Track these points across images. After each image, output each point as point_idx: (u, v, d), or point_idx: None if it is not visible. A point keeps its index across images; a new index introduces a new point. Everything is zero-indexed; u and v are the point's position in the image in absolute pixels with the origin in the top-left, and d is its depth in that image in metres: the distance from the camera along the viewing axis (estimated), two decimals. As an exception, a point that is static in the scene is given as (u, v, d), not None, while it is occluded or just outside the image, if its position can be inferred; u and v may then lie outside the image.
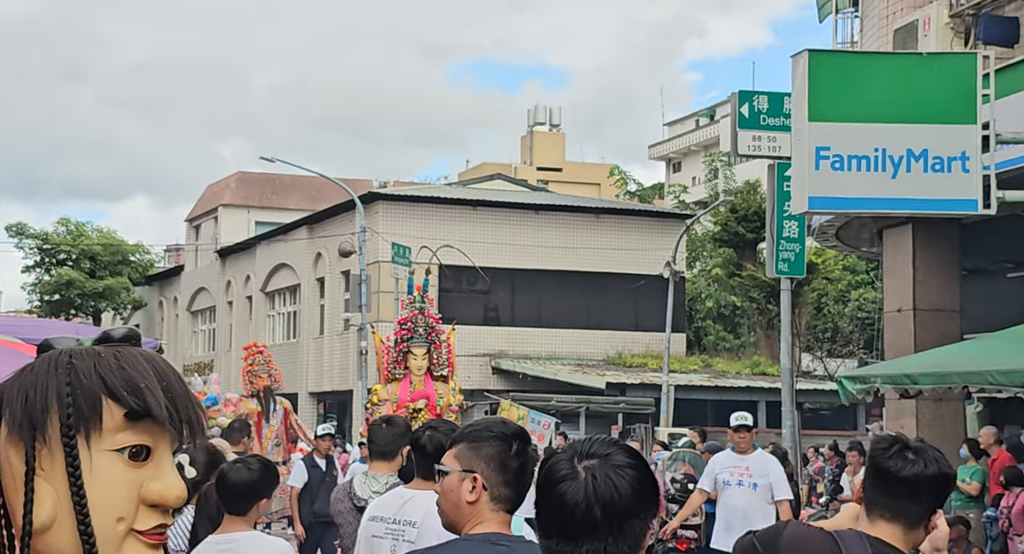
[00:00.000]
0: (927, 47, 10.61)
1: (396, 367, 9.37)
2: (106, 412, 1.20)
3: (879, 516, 2.46)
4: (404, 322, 9.60)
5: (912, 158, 8.44)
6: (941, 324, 11.63)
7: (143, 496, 1.20)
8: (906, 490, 2.44)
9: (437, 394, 9.25)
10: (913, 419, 11.70)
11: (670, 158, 56.53)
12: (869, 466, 2.54)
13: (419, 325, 9.48)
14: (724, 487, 8.13)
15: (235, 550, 3.40)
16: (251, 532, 3.54)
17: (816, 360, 29.75)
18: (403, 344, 9.45)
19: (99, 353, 1.24)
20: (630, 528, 1.63)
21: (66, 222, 40.01)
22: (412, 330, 9.45)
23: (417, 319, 9.50)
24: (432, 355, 9.42)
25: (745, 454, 8.12)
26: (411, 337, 9.41)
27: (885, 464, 2.46)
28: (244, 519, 3.50)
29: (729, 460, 8.26)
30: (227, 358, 35.24)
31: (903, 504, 2.45)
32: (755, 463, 8.10)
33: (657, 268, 24.52)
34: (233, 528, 3.50)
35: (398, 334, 9.52)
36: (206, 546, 3.46)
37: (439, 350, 9.49)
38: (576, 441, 1.74)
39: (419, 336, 9.41)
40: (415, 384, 9.26)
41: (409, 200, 28.04)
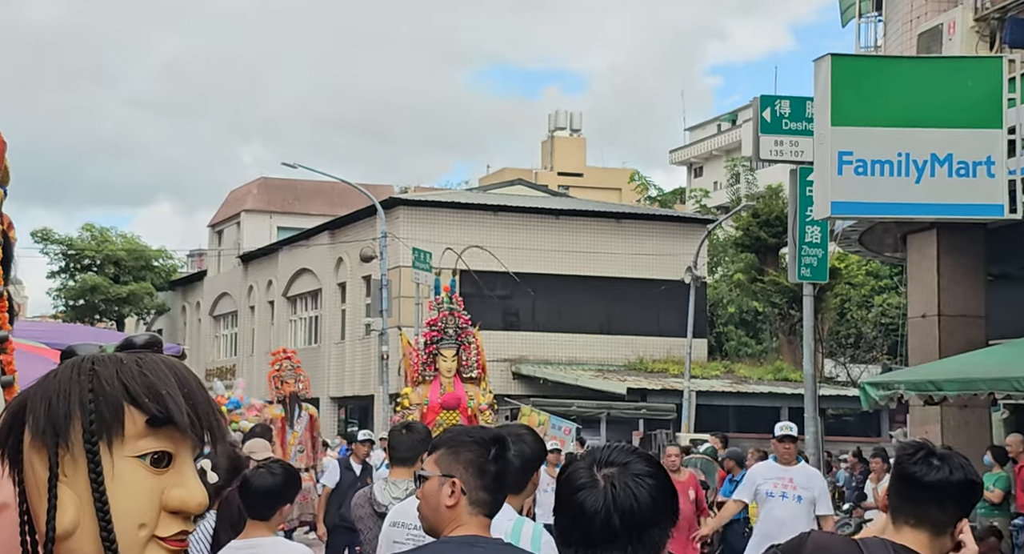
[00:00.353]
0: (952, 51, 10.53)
1: (426, 369, 9.23)
2: (128, 419, 1.20)
3: (904, 523, 2.45)
4: (433, 323, 9.44)
5: (937, 163, 8.39)
6: (966, 330, 11.52)
7: (164, 502, 1.20)
8: (931, 496, 2.43)
9: (468, 396, 9.07)
10: (938, 426, 11.59)
11: (691, 163, 56.38)
12: (894, 472, 2.53)
13: (449, 326, 9.34)
14: (766, 499, 7.81)
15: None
16: (274, 538, 3.55)
17: (839, 366, 29.55)
18: (432, 346, 9.31)
19: (121, 360, 1.25)
20: (649, 537, 1.63)
21: (90, 227, 40.35)
22: (442, 331, 9.31)
23: (447, 320, 9.35)
24: (461, 357, 9.26)
25: (789, 465, 7.85)
26: (441, 338, 9.28)
27: (910, 470, 2.45)
28: (267, 524, 3.50)
29: (772, 471, 7.97)
30: (249, 363, 35.39)
31: (928, 510, 2.44)
32: (799, 475, 7.82)
33: (678, 273, 24.45)
34: (256, 533, 3.50)
35: (427, 336, 9.40)
36: (229, 552, 3.47)
37: (468, 352, 9.33)
38: (595, 449, 1.74)
39: (449, 338, 9.28)
40: (445, 386, 9.10)
41: (430, 205, 28.10)
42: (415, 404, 8.95)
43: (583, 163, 54.85)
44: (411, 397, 9.00)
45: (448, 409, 8.88)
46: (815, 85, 8.64)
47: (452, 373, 9.11)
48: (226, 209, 40.75)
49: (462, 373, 9.20)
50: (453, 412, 8.89)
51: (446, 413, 8.86)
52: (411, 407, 8.94)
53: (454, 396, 8.95)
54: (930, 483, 2.42)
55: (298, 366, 14.65)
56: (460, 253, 9.68)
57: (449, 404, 8.88)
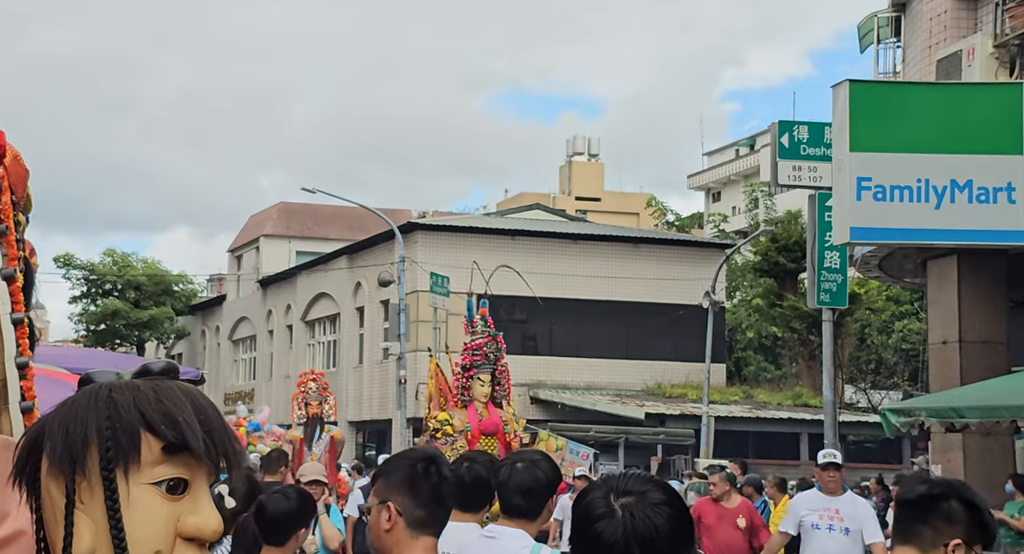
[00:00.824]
0: (971, 77, 10.52)
1: (464, 393, 8.98)
2: (144, 446, 1.20)
3: (897, 542, 2.63)
4: (477, 347, 9.13)
5: (956, 188, 8.36)
6: (988, 356, 11.42)
7: (180, 529, 1.20)
8: (913, 512, 2.58)
9: (504, 421, 8.90)
10: (960, 453, 11.47)
11: (709, 188, 56.36)
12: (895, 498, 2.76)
13: (490, 350, 9.11)
14: (811, 531, 7.33)
15: None
16: None
17: (859, 392, 29.32)
18: (472, 370, 9.02)
19: (138, 387, 1.26)
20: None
21: (112, 253, 40.66)
22: (485, 356, 9.06)
23: (489, 345, 9.13)
24: (495, 381, 9.08)
25: (834, 495, 7.36)
26: (482, 363, 9.03)
27: (900, 491, 2.70)
28: (282, 550, 3.49)
29: (816, 501, 7.47)
30: (267, 387, 35.46)
31: (914, 526, 2.58)
32: (845, 505, 7.34)
33: (696, 298, 24.38)
34: None
35: (467, 360, 9.07)
36: None
37: (502, 377, 9.17)
38: (611, 477, 1.73)
39: (488, 362, 9.06)
40: (480, 412, 8.87)
41: (448, 230, 28.18)
42: (459, 431, 8.65)
43: (601, 188, 54.94)
44: (455, 423, 8.67)
45: (487, 435, 8.71)
46: (833, 111, 8.63)
47: (487, 398, 8.92)
48: (246, 234, 41.00)
49: (495, 398, 9.04)
50: (491, 438, 8.72)
51: (485, 439, 8.68)
52: (455, 434, 8.62)
53: (492, 422, 8.75)
54: (910, 500, 2.59)
55: (324, 388, 14.39)
56: (489, 276, 9.29)
57: (488, 430, 8.71)
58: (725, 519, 8.82)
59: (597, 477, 16.85)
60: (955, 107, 8.44)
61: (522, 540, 3.13)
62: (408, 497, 2.49)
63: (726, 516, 8.85)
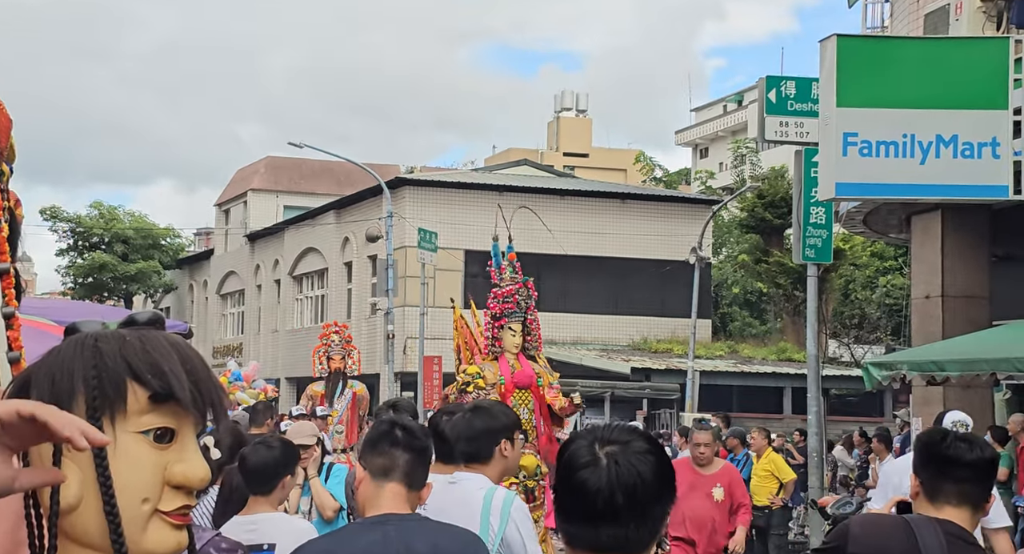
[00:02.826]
0: (958, 32, 10.47)
1: (495, 344, 8.27)
2: (131, 395, 1.21)
3: (945, 503, 2.64)
4: (508, 295, 8.35)
5: (942, 144, 8.37)
6: (970, 311, 11.52)
7: (167, 477, 1.22)
8: (969, 473, 2.65)
9: (536, 374, 8.21)
10: (940, 406, 11.60)
11: (697, 144, 56.20)
12: (928, 457, 2.72)
13: (522, 297, 8.38)
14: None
15: (259, 531, 3.44)
16: (274, 513, 3.58)
17: (843, 346, 29.54)
18: (503, 319, 8.26)
19: (124, 336, 1.26)
20: (651, 514, 1.65)
21: (99, 206, 40.39)
22: (516, 304, 8.30)
23: (520, 292, 8.40)
24: (526, 331, 8.37)
25: None
26: (513, 312, 8.27)
27: (947, 453, 2.65)
28: (267, 500, 3.53)
29: None
30: (256, 341, 35.51)
31: (967, 488, 2.65)
32: None
33: (683, 254, 24.44)
34: (257, 509, 3.53)
35: (497, 308, 8.33)
36: (231, 526, 3.49)
37: (533, 326, 8.45)
38: (596, 427, 1.75)
39: (520, 310, 8.32)
40: (512, 364, 8.17)
41: (436, 185, 28.09)
42: (491, 384, 7.98)
43: (589, 144, 54.71)
44: (487, 376, 8.01)
45: (520, 388, 8.08)
46: (821, 66, 8.61)
47: (518, 349, 8.22)
48: (233, 188, 40.77)
49: (527, 349, 8.36)
50: (525, 391, 8.10)
51: (519, 392, 8.06)
52: (487, 387, 7.95)
53: (525, 374, 8.09)
54: (968, 462, 2.63)
55: (348, 341, 13.43)
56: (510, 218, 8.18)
57: (521, 383, 8.07)
58: (698, 488, 7.14)
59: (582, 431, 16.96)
60: (942, 62, 8.43)
61: (479, 482, 3.27)
62: (369, 448, 2.55)
63: (699, 484, 7.18)
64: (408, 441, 2.53)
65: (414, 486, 2.52)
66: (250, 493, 3.52)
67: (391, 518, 2.39)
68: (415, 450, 2.54)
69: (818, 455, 12.22)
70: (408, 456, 2.51)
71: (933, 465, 2.67)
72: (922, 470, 2.70)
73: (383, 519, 2.39)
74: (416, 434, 2.53)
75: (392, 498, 2.47)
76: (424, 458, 2.58)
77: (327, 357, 12.84)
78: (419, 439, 2.53)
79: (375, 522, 2.38)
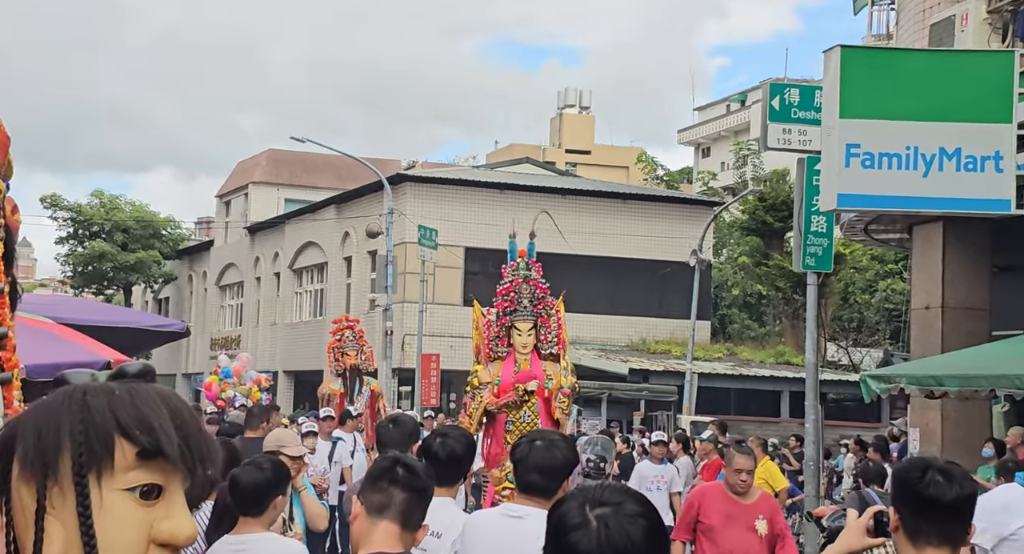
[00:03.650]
0: (964, 43, 10.44)
1: (499, 344, 7.96)
2: (118, 451, 1.20)
3: (926, 543, 2.52)
4: (506, 292, 8.08)
5: (945, 157, 8.34)
6: (969, 322, 11.51)
7: (153, 536, 1.20)
8: (951, 514, 2.52)
9: (546, 375, 7.80)
10: (938, 416, 11.62)
11: (699, 143, 56.14)
12: (907, 496, 2.57)
13: (523, 296, 8.05)
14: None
15: (248, 551, 3.42)
16: (264, 534, 3.55)
17: (841, 350, 29.55)
18: (506, 318, 7.97)
19: (113, 390, 1.25)
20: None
21: (100, 194, 40.36)
22: (516, 302, 8.02)
23: (521, 289, 8.08)
24: (539, 331, 7.99)
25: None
26: (515, 310, 7.97)
27: (927, 493, 2.52)
28: (258, 520, 3.50)
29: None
30: (254, 333, 35.50)
31: (950, 528, 2.53)
32: None
33: (684, 255, 24.41)
34: (247, 529, 3.51)
35: (499, 306, 8.08)
36: (220, 546, 3.47)
37: (547, 325, 8.06)
38: (587, 487, 1.72)
39: (524, 308, 8.01)
40: (520, 364, 7.85)
41: (437, 182, 28.07)
42: (485, 383, 7.76)
43: (591, 141, 54.65)
44: (481, 376, 7.81)
45: (527, 391, 7.67)
46: (824, 76, 8.58)
47: (528, 349, 7.88)
48: (234, 180, 40.75)
49: (540, 349, 7.99)
50: (531, 394, 7.69)
51: (525, 392, 7.67)
52: (481, 386, 7.76)
53: (529, 375, 7.69)
54: (949, 502, 2.51)
55: (361, 336, 13.00)
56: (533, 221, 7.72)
57: (523, 383, 7.70)
58: (738, 520, 6.03)
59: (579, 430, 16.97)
60: (946, 74, 8.40)
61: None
62: (369, 483, 2.52)
63: (739, 516, 6.03)
64: (409, 480, 2.49)
65: (409, 526, 2.48)
66: (240, 514, 3.49)
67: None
68: (414, 489, 2.50)
69: (814, 464, 12.19)
70: (406, 495, 2.48)
71: (912, 503, 2.54)
72: (901, 507, 2.57)
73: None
74: (418, 474, 2.50)
75: (385, 537, 2.43)
76: (423, 498, 2.53)
77: (342, 353, 12.48)
78: (420, 479, 2.49)
79: None
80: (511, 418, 7.57)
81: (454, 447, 3.57)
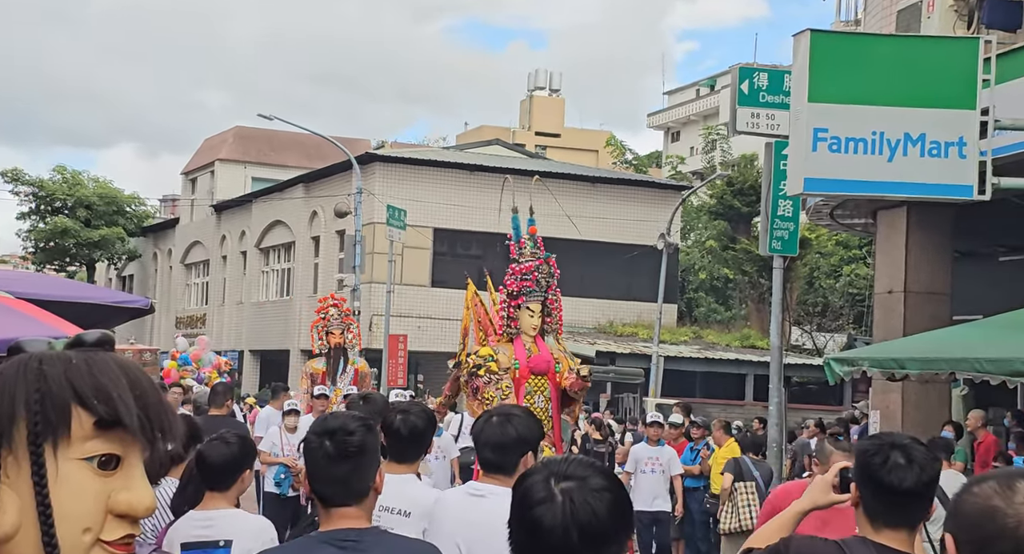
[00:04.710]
0: (930, 29, 10.53)
1: (511, 325, 7.51)
2: (75, 420, 1.18)
3: (883, 525, 2.48)
4: (527, 272, 7.62)
5: (910, 142, 8.40)
6: (931, 306, 11.67)
7: (111, 506, 1.19)
8: (910, 499, 2.48)
9: (555, 359, 7.49)
10: (899, 398, 11.79)
11: (669, 127, 56.30)
12: (867, 477, 2.52)
13: (542, 275, 7.66)
14: None
15: (215, 527, 3.41)
16: (232, 510, 3.54)
17: (805, 334, 29.84)
18: (521, 298, 7.53)
19: (70, 359, 1.22)
20: (606, 552, 1.62)
21: (62, 170, 39.78)
22: (536, 281, 7.60)
23: (541, 268, 7.68)
24: (545, 312, 7.61)
25: None
26: (532, 290, 7.56)
27: (887, 480, 2.46)
28: (224, 495, 3.50)
29: None
30: (220, 312, 35.25)
31: (909, 511, 2.49)
32: None
33: (652, 238, 24.52)
34: (214, 505, 3.50)
35: (515, 285, 7.59)
36: (186, 521, 3.46)
37: (554, 307, 7.72)
38: (551, 460, 1.71)
39: (539, 289, 7.61)
40: (529, 347, 7.41)
41: (406, 162, 27.93)
42: (505, 368, 7.28)
43: (561, 124, 54.64)
44: (501, 360, 7.28)
45: (537, 374, 7.35)
46: (794, 60, 8.61)
47: (536, 331, 7.51)
48: (200, 157, 40.33)
49: (545, 331, 7.66)
50: (541, 378, 7.36)
51: (534, 379, 7.33)
52: (500, 372, 7.25)
53: (543, 359, 7.35)
54: (908, 489, 2.45)
55: (347, 315, 12.59)
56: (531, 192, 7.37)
57: (538, 368, 7.33)
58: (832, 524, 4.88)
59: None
60: (913, 60, 8.45)
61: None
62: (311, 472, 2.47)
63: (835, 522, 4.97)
64: (355, 459, 2.40)
65: (359, 498, 2.41)
66: (207, 489, 3.48)
67: (350, 534, 2.33)
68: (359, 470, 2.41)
69: (778, 445, 12.34)
70: (357, 475, 2.40)
71: (872, 486, 2.49)
72: (861, 487, 2.52)
73: (341, 535, 2.33)
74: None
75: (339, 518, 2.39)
76: (369, 461, 2.43)
77: (326, 332, 12.15)
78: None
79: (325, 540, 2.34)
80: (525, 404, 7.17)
81: (415, 423, 3.57)
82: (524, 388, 7.13)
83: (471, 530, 3.10)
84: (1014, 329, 8.50)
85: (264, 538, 3.32)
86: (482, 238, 27.39)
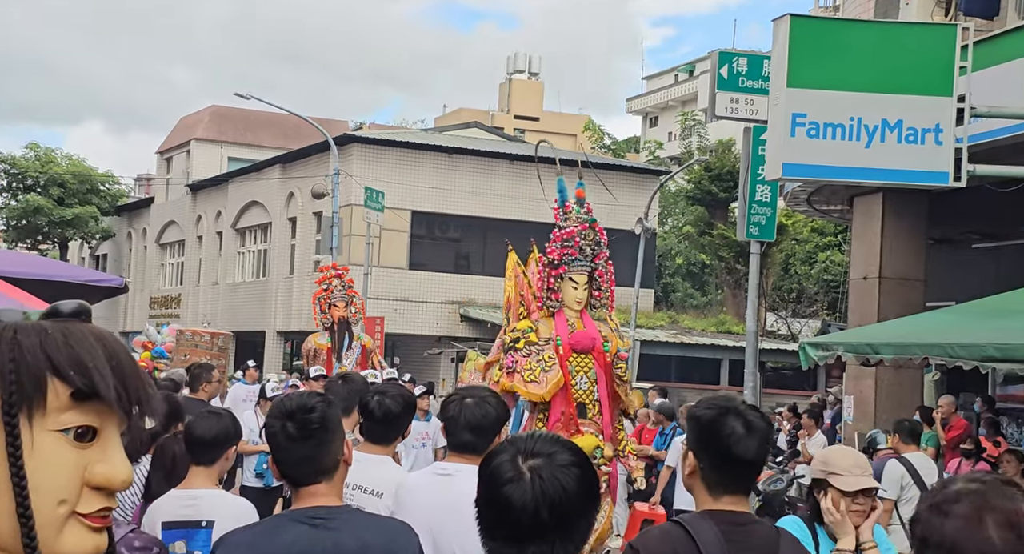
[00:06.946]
0: (908, 15, 10.57)
1: (551, 297, 6.68)
2: (51, 391, 1.17)
3: (723, 492, 2.46)
4: (568, 238, 6.80)
5: (887, 128, 8.43)
6: (905, 292, 11.78)
7: (87, 478, 1.18)
8: (752, 468, 2.49)
9: (603, 337, 6.67)
10: (872, 384, 11.90)
11: (647, 112, 56.34)
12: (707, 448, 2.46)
13: (588, 242, 6.84)
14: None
15: (197, 507, 3.38)
16: (217, 490, 3.52)
17: (780, 320, 30.03)
18: (563, 267, 6.72)
19: (46, 329, 1.21)
20: (577, 528, 1.61)
21: (35, 147, 39.34)
22: (579, 249, 6.79)
23: (586, 234, 6.86)
24: (593, 284, 6.79)
25: None
26: (576, 258, 6.74)
27: (730, 452, 2.42)
28: (208, 471, 3.47)
29: None
30: (195, 293, 35.04)
31: (748, 477, 2.51)
32: None
33: (629, 223, 24.55)
34: (197, 483, 3.47)
35: (556, 253, 6.78)
36: (168, 500, 3.43)
37: (602, 278, 6.87)
38: (518, 438, 1.70)
39: (585, 258, 6.78)
40: (573, 322, 6.64)
41: (384, 144, 27.80)
42: (545, 339, 6.51)
43: (540, 107, 54.55)
44: (541, 331, 6.54)
45: (580, 352, 6.54)
46: (773, 45, 8.62)
47: (582, 305, 6.67)
48: (176, 136, 39.97)
49: (592, 305, 6.81)
50: (585, 357, 6.55)
51: (576, 357, 6.54)
52: (540, 342, 6.49)
53: (587, 336, 6.52)
54: (751, 460, 2.44)
55: (351, 287, 11.75)
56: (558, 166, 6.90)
57: (581, 346, 6.52)
58: None
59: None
60: (892, 46, 8.47)
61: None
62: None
63: None
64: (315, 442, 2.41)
65: (322, 477, 2.41)
66: (193, 462, 3.45)
67: (319, 511, 2.33)
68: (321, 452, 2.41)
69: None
70: (320, 451, 2.40)
71: (713, 457, 2.44)
72: (702, 455, 2.46)
73: (311, 513, 2.33)
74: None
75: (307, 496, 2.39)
76: (332, 435, 2.44)
77: (329, 305, 11.34)
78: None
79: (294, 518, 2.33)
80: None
81: (390, 406, 3.55)
82: (566, 366, 6.46)
83: (439, 512, 3.08)
84: (986, 315, 8.59)
85: (246, 521, 3.31)
86: (460, 221, 27.34)
